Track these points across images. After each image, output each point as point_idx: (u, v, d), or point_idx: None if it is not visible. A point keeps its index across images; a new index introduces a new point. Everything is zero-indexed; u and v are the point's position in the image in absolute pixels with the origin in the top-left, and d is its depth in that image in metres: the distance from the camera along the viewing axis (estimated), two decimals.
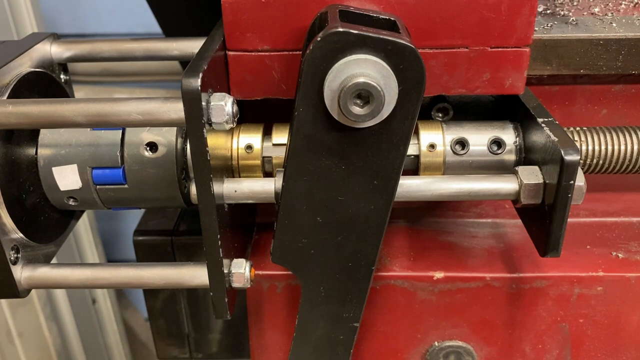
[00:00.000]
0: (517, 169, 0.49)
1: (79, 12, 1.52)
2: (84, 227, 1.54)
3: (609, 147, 0.53)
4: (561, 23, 0.57)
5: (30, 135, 0.52)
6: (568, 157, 0.44)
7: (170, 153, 0.51)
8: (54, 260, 0.57)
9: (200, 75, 0.41)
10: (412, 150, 0.52)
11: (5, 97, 0.48)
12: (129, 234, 0.75)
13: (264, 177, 0.54)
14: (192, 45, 0.58)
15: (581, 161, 0.54)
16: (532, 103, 0.52)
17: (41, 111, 0.45)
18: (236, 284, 0.50)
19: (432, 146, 0.52)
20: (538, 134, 0.49)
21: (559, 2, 0.63)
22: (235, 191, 0.50)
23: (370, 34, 0.39)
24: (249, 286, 0.51)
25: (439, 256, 0.60)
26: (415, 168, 0.53)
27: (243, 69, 0.50)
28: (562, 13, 0.60)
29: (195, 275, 0.52)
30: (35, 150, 0.52)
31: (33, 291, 0.79)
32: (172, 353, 0.80)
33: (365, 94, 0.40)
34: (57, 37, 0.59)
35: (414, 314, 0.60)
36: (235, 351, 0.81)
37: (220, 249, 0.47)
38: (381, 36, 0.39)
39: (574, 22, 0.57)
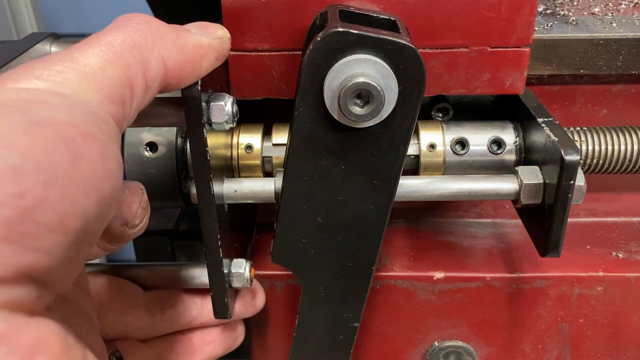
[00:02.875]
0: (517, 169, 0.49)
1: (79, 12, 1.52)
2: None
3: (609, 147, 0.53)
4: (561, 23, 0.57)
5: None
6: (568, 157, 0.44)
7: (170, 153, 0.51)
8: None
9: None
10: (412, 150, 0.52)
11: None
12: None
13: (264, 177, 0.54)
14: None
15: (581, 161, 0.54)
16: (532, 103, 0.52)
17: None
18: (236, 284, 0.50)
19: (432, 146, 0.52)
20: (538, 134, 0.49)
21: (559, 2, 0.63)
22: (235, 191, 0.50)
23: (371, 34, 0.39)
24: (249, 286, 0.51)
25: (439, 256, 0.60)
26: (415, 168, 0.53)
27: (243, 69, 0.50)
28: (562, 13, 0.60)
29: (195, 275, 0.52)
30: None
31: None
32: None
33: (365, 94, 0.40)
34: (57, 37, 0.59)
35: (414, 314, 0.60)
36: (235, 351, 0.81)
37: (220, 249, 0.47)
38: (381, 36, 0.39)
39: (574, 22, 0.57)
